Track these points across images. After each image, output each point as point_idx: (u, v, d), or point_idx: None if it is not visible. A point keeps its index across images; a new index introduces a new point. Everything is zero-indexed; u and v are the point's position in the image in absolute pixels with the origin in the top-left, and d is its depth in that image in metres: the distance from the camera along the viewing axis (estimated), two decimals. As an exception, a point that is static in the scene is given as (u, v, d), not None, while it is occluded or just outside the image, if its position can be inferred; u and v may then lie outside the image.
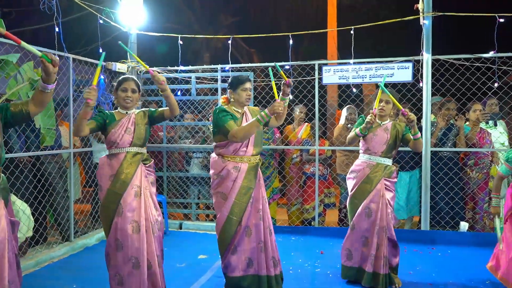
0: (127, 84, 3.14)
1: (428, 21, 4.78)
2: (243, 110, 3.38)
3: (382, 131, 3.61)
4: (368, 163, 3.60)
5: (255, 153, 3.29)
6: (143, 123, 3.15)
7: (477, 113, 5.01)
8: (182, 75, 5.73)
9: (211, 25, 12.69)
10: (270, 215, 3.41)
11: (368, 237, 3.54)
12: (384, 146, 3.57)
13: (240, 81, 3.29)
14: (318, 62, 5.25)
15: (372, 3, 13.81)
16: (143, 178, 3.08)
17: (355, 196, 3.63)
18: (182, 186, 5.89)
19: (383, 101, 3.62)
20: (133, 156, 3.06)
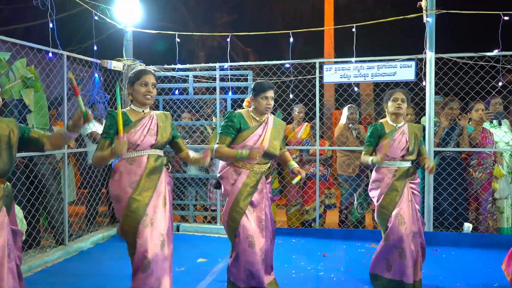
0: (147, 78, 2.80)
1: (432, 19, 4.70)
2: (265, 118, 3.25)
3: (400, 135, 3.43)
4: (390, 169, 3.42)
5: (262, 162, 3.17)
6: (167, 124, 2.91)
7: (480, 113, 4.94)
8: (179, 74, 5.60)
9: (206, 24, 12.57)
10: (273, 222, 3.29)
11: (404, 248, 3.28)
12: (404, 151, 3.41)
13: (261, 89, 3.17)
14: (319, 60, 5.15)
15: (368, 3, 13.79)
16: (166, 185, 2.84)
17: (383, 206, 3.41)
18: (179, 187, 5.76)
19: (398, 99, 3.42)
20: (156, 160, 2.79)
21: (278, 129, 3.29)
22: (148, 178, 2.74)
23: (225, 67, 5.40)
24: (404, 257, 3.29)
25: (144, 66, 5.59)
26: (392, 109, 3.43)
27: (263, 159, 3.16)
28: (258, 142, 3.15)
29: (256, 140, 3.15)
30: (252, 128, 3.16)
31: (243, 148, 3.13)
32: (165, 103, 5.73)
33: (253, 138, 3.16)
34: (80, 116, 2.31)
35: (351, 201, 5.37)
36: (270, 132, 3.21)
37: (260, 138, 3.16)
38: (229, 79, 5.40)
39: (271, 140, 3.19)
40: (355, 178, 5.31)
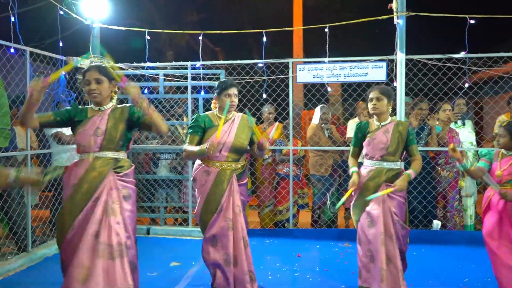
0: (89, 75, 2.72)
1: (402, 21, 4.78)
2: (232, 116, 3.25)
3: (382, 134, 3.26)
4: (370, 168, 3.28)
5: (230, 159, 3.17)
6: (119, 122, 2.71)
7: (447, 113, 5.08)
8: (149, 72, 5.45)
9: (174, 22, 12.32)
10: (243, 225, 3.16)
11: (372, 251, 3.13)
12: (384, 151, 3.22)
13: (224, 87, 3.19)
14: (293, 60, 5.14)
15: (336, 6, 13.97)
16: (112, 191, 2.62)
17: (355, 205, 3.34)
18: (149, 189, 5.60)
19: (373, 99, 3.28)
20: (103, 163, 2.64)
21: (245, 123, 3.26)
22: (86, 182, 2.59)
23: (197, 66, 5.29)
24: (373, 261, 3.13)
25: (112, 63, 5.38)
26: (369, 109, 3.37)
27: (232, 155, 3.15)
28: (224, 138, 3.12)
29: (221, 137, 3.11)
30: (217, 126, 3.13)
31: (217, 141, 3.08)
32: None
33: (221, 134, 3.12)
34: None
35: (324, 201, 5.39)
36: (236, 127, 3.20)
37: (225, 134, 3.14)
38: (201, 78, 5.30)
39: (237, 134, 3.17)
40: (327, 178, 5.33)
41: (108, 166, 2.65)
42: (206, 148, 2.87)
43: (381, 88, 3.34)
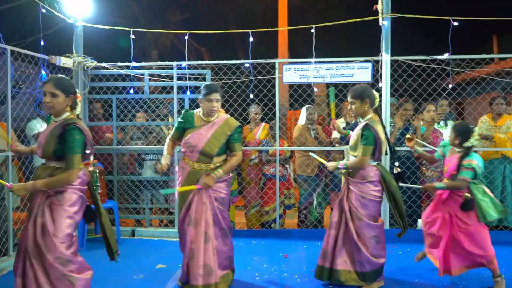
0: (45, 87, 2.77)
1: (387, 22, 4.82)
2: (213, 119, 3.42)
3: (354, 133, 3.60)
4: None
5: (202, 161, 3.34)
6: (55, 134, 2.75)
7: (431, 113, 5.15)
8: (134, 72, 5.37)
9: (159, 21, 12.20)
10: (209, 220, 3.33)
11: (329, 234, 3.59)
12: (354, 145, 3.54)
13: (206, 91, 3.36)
14: (279, 60, 5.14)
15: (321, 6, 14.04)
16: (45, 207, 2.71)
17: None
18: (134, 190, 5.52)
19: (349, 104, 3.58)
20: (44, 171, 2.78)
21: (224, 130, 3.38)
22: (32, 195, 2.78)
23: (183, 65, 5.24)
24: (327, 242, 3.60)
25: (96, 63, 5.31)
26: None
27: (203, 158, 3.32)
28: (198, 141, 3.32)
29: (196, 139, 3.33)
30: (195, 127, 3.38)
31: (185, 144, 3.38)
32: (119, 102, 5.47)
33: (193, 136, 3.35)
34: None
35: (310, 201, 5.40)
36: (213, 132, 3.35)
37: (201, 137, 3.32)
38: (187, 78, 5.25)
39: (210, 139, 3.32)
40: (314, 178, 5.34)
41: (46, 173, 2.75)
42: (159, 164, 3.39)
43: (352, 92, 3.55)
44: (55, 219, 2.69)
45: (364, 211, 3.45)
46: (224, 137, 3.36)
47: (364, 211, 3.45)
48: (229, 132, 3.38)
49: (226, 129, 3.38)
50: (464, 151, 3.45)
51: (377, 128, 3.40)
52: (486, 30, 11.83)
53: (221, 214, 3.38)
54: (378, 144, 3.41)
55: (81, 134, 2.77)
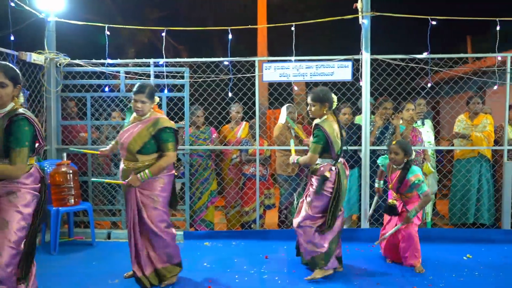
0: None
1: (367, 21, 4.81)
2: (145, 118, 3.48)
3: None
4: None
5: (129, 159, 3.46)
6: (1, 126, 2.55)
7: (410, 112, 5.16)
8: (109, 70, 5.20)
9: (136, 19, 11.94)
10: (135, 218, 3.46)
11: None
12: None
13: (133, 91, 3.47)
14: (259, 58, 5.07)
15: (301, 5, 14.04)
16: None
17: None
18: (110, 191, 5.35)
19: (309, 104, 3.74)
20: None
21: (149, 130, 3.40)
22: None
23: (160, 63, 5.11)
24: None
25: (69, 60, 5.12)
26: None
27: (128, 155, 3.43)
28: (125, 138, 3.42)
29: (123, 136, 3.45)
30: (127, 125, 3.55)
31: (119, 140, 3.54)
32: (93, 100, 5.29)
33: (124, 134, 3.47)
34: None
35: (291, 201, 5.35)
36: (139, 131, 3.40)
37: (128, 135, 3.42)
38: (165, 76, 5.13)
39: (134, 137, 3.38)
40: (294, 177, 5.29)
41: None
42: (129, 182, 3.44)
43: (314, 94, 3.68)
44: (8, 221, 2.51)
45: (312, 203, 3.73)
46: (148, 136, 3.39)
47: (312, 203, 3.73)
48: (153, 132, 3.40)
49: (152, 129, 3.40)
50: (404, 167, 3.91)
51: (328, 128, 3.59)
52: (461, 31, 12.08)
53: (150, 213, 3.45)
54: (329, 143, 3.60)
55: (30, 125, 2.59)
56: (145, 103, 3.43)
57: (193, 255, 4.43)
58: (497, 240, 4.79)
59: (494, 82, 4.96)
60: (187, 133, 5.17)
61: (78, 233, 5.14)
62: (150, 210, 3.45)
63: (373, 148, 5.01)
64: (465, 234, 4.94)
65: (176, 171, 5.75)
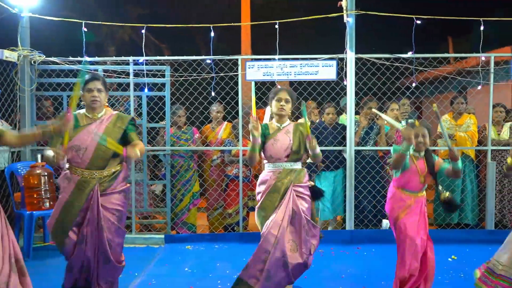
0: None
1: (352, 19, 4.74)
2: (101, 115, 2.99)
3: (283, 135, 3.25)
4: (274, 171, 3.22)
5: (95, 167, 2.87)
6: None
7: (395, 112, 5.13)
8: (87, 68, 5.01)
9: (117, 16, 11.70)
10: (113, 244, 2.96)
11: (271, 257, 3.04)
12: (288, 150, 3.21)
13: (86, 80, 2.94)
14: (242, 57, 4.95)
15: (284, 4, 13.99)
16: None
17: (263, 208, 3.19)
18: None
19: (282, 100, 3.26)
20: None
21: (117, 125, 2.98)
22: None
23: (140, 61, 4.95)
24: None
25: (44, 57, 4.92)
26: (275, 110, 3.28)
27: (96, 162, 2.86)
28: (87, 142, 2.86)
29: (85, 139, 2.86)
30: (80, 127, 2.91)
31: (72, 149, 2.86)
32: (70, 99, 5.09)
33: (81, 136, 2.87)
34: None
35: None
36: (106, 130, 2.93)
37: (89, 137, 2.87)
38: (145, 75, 4.97)
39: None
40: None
41: None
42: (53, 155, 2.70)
43: (289, 91, 3.34)
44: None
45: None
46: (119, 132, 2.97)
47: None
48: (124, 125, 3.00)
49: (120, 123, 2.99)
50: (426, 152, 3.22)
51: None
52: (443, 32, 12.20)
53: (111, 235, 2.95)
54: None
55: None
56: (101, 92, 2.95)
57: (174, 260, 4.30)
58: (481, 241, 4.77)
59: (477, 82, 4.96)
60: (168, 134, 5.02)
61: (54, 238, 4.94)
62: (112, 232, 2.94)
63: (357, 148, 4.95)
64: (450, 234, 4.92)
65: (158, 172, 5.61)
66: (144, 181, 5.04)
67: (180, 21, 5.52)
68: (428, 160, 3.18)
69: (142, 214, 5.35)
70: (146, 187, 5.09)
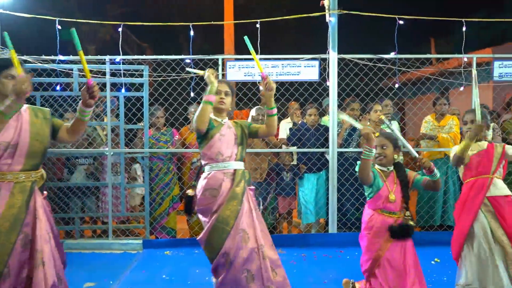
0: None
1: (334, 19, 4.67)
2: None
3: (227, 129, 2.92)
4: (225, 172, 2.83)
5: (27, 168, 2.41)
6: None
7: (378, 113, 5.07)
8: (61, 67, 4.82)
9: (96, 15, 11.46)
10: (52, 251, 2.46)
11: (251, 269, 2.69)
12: (235, 146, 2.89)
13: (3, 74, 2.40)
14: (222, 56, 4.84)
15: (267, 4, 13.94)
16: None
17: (220, 220, 2.75)
18: (62, 198, 4.97)
19: (221, 92, 2.91)
20: None
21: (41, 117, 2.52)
22: None
23: (117, 60, 4.78)
24: (252, 280, 2.69)
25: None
26: (215, 103, 2.89)
27: (30, 161, 2.40)
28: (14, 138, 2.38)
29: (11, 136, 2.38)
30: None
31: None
32: (43, 100, 4.90)
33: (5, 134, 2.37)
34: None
35: (261, 209, 5.11)
36: (30, 124, 2.45)
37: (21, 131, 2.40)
38: (122, 75, 4.80)
39: (34, 134, 2.44)
40: (261, 183, 5.07)
41: None
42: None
43: (229, 83, 3.03)
44: None
45: None
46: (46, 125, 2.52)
47: None
48: (47, 115, 2.56)
49: (41, 114, 2.53)
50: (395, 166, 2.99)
51: None
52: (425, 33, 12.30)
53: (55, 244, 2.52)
54: None
55: None
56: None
57: (151, 266, 4.15)
58: (464, 243, 4.74)
59: (460, 83, 4.94)
60: (147, 135, 4.87)
61: (27, 244, 4.73)
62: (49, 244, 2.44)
63: (340, 150, 4.87)
64: (432, 236, 4.89)
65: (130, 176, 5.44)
66: (122, 184, 4.87)
67: (162, 21, 5.38)
68: (399, 173, 2.88)
69: (119, 218, 5.18)
70: (124, 190, 4.93)
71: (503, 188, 3.11)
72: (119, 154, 4.89)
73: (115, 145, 4.94)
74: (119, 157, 4.94)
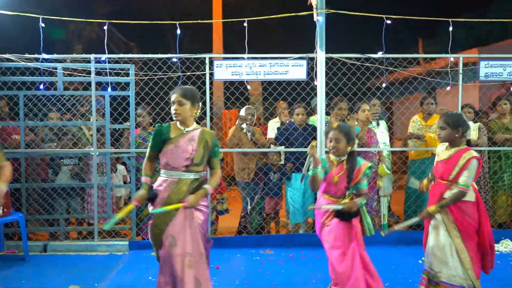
0: None
1: (322, 18, 4.64)
2: None
3: (187, 142, 2.85)
4: (170, 180, 2.85)
5: None
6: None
7: (366, 113, 5.07)
8: (45, 65, 4.73)
9: (83, 13, 11.33)
10: None
11: (176, 275, 2.77)
12: (188, 161, 2.83)
13: None
14: (209, 55, 4.79)
15: (256, 4, 13.90)
16: None
17: (156, 223, 2.85)
18: (46, 199, 4.87)
19: (175, 103, 2.85)
20: None
21: None
22: None
23: (103, 59, 4.70)
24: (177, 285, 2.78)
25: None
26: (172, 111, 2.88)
27: None
28: None
29: None
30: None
31: None
32: (26, 99, 4.80)
33: None
34: None
35: (249, 209, 5.08)
36: None
37: None
38: (108, 73, 4.72)
39: None
40: (249, 183, 5.04)
41: None
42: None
43: (183, 90, 2.91)
44: None
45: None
46: None
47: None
48: None
49: None
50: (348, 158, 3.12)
51: None
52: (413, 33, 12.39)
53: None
54: None
55: None
56: None
57: (137, 268, 4.09)
58: (451, 241, 4.76)
59: (447, 83, 4.96)
60: (133, 135, 4.80)
61: (11, 247, 4.65)
62: None
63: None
64: (421, 236, 4.87)
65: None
66: (108, 185, 4.80)
67: (150, 20, 5.31)
68: (349, 163, 3.06)
69: (105, 219, 5.09)
70: (110, 191, 4.85)
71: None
72: (105, 154, 4.82)
73: (100, 145, 4.86)
74: (104, 157, 4.87)
